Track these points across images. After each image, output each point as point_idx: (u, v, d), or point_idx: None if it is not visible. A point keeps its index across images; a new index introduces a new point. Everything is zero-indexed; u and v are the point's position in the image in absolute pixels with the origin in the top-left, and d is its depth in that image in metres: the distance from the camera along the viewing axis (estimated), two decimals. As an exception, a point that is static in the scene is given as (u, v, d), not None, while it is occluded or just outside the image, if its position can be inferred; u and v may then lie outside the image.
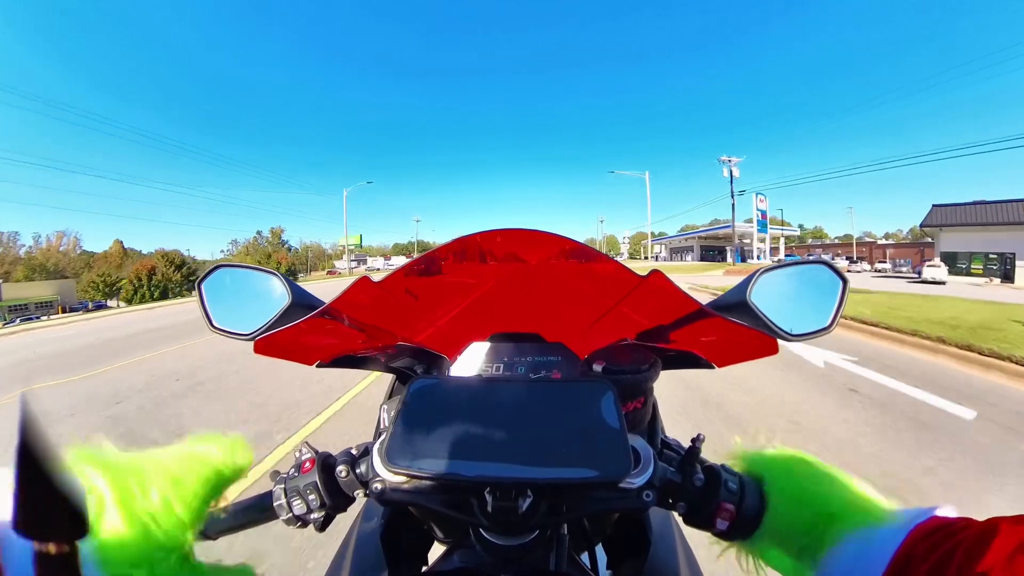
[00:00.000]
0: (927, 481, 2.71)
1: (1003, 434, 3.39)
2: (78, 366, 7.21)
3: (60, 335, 12.54)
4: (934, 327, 7.02)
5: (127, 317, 17.45)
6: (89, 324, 15.45)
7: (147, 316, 16.86)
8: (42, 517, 0.24)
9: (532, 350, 0.68)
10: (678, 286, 0.50)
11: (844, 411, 3.89)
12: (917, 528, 0.35)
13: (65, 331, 13.65)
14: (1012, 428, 3.49)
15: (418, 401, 0.48)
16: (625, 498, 0.44)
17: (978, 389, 4.51)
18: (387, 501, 0.46)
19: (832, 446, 3.21)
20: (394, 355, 0.74)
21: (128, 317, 17.36)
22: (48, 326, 16.54)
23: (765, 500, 0.44)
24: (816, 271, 0.57)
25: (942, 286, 21.11)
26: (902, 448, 3.16)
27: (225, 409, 4.42)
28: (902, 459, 3.00)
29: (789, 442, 0.51)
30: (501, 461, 0.42)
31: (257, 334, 0.56)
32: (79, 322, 16.82)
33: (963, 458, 3.00)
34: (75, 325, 15.60)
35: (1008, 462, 2.93)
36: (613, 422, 0.45)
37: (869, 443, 3.25)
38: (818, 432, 3.47)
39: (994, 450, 3.12)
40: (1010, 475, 2.75)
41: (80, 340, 10.83)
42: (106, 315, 20.39)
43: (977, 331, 6.65)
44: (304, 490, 0.47)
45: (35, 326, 17.13)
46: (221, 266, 0.64)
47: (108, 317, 18.45)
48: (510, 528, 0.44)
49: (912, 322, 7.53)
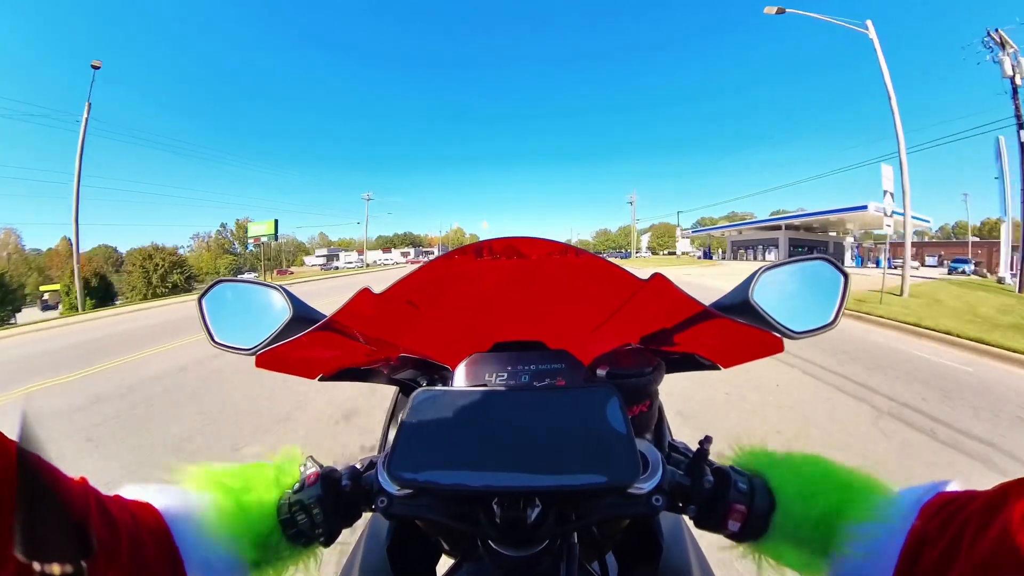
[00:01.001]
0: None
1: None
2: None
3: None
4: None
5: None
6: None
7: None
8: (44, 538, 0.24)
9: (535, 358, 0.68)
10: (680, 288, 0.50)
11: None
12: (926, 506, 0.35)
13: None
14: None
15: (422, 413, 0.48)
16: (635, 504, 0.43)
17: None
18: (393, 515, 0.45)
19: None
20: (397, 367, 0.74)
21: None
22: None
23: (774, 499, 0.44)
24: (818, 267, 0.57)
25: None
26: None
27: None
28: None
29: (786, 443, 0.50)
30: (508, 471, 0.41)
31: (258, 348, 0.56)
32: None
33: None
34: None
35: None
36: (620, 427, 0.44)
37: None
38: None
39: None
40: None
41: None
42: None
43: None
44: (308, 505, 0.46)
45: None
46: (221, 281, 0.64)
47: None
48: (519, 539, 0.44)
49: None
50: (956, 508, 0.33)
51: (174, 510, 0.41)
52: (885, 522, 0.36)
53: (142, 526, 0.36)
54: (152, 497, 0.41)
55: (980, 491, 0.33)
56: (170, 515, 0.40)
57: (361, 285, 0.51)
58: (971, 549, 0.29)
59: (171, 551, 0.38)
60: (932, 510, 0.34)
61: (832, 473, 0.44)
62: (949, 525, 0.32)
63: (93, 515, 0.31)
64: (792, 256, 0.62)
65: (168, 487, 0.43)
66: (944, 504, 0.34)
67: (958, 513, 0.32)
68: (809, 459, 0.46)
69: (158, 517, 0.39)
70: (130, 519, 0.36)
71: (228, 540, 0.42)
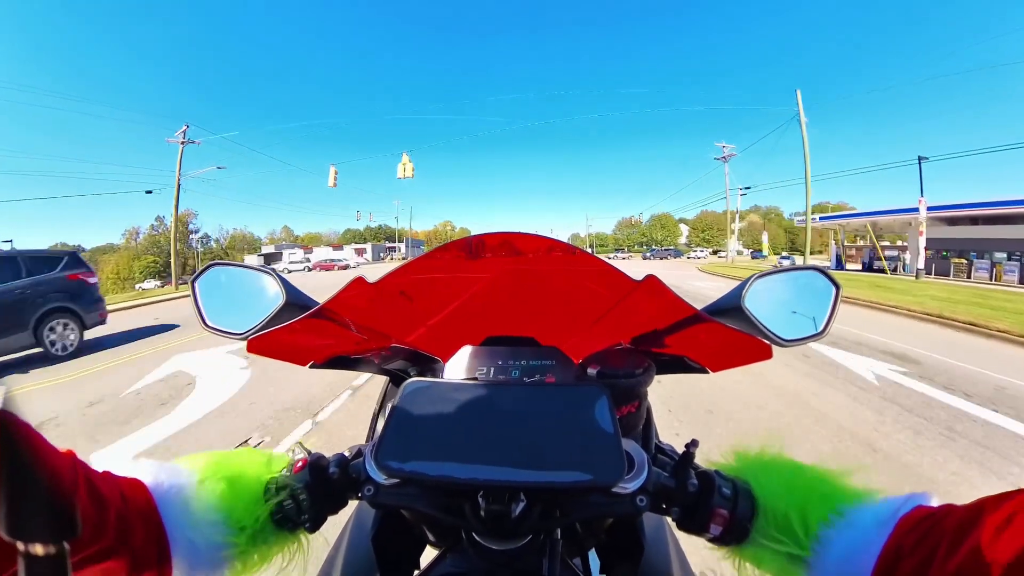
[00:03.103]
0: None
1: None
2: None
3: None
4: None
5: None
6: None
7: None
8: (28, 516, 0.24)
9: (526, 353, 0.68)
10: (672, 291, 0.50)
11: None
12: (903, 519, 0.36)
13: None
14: None
15: (411, 403, 0.48)
16: (619, 503, 0.44)
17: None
18: (379, 504, 0.46)
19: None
20: (388, 357, 0.74)
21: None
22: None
23: (756, 504, 0.44)
24: (810, 277, 0.58)
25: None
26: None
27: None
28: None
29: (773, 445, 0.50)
30: (494, 465, 0.41)
31: (250, 333, 0.56)
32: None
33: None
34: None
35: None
36: (607, 426, 0.45)
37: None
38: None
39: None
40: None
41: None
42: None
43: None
44: (296, 491, 0.47)
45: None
46: (215, 264, 0.64)
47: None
48: (503, 532, 0.44)
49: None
50: (933, 523, 0.33)
51: (164, 490, 0.40)
52: (862, 533, 0.37)
53: (131, 505, 0.36)
54: (143, 474, 0.40)
55: (957, 506, 0.34)
56: (159, 494, 0.40)
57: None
58: (944, 564, 0.30)
59: (158, 532, 0.38)
60: (910, 523, 0.35)
61: (816, 481, 0.44)
62: (925, 539, 0.33)
63: (80, 492, 0.30)
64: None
65: (160, 466, 0.43)
66: (922, 518, 0.35)
67: (935, 527, 0.33)
68: (791, 464, 0.47)
69: (148, 496, 0.39)
70: (119, 497, 0.35)
71: (216, 523, 0.41)
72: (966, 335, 7.32)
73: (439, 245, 0.54)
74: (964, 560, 0.29)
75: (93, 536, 0.31)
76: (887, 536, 0.35)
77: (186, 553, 0.39)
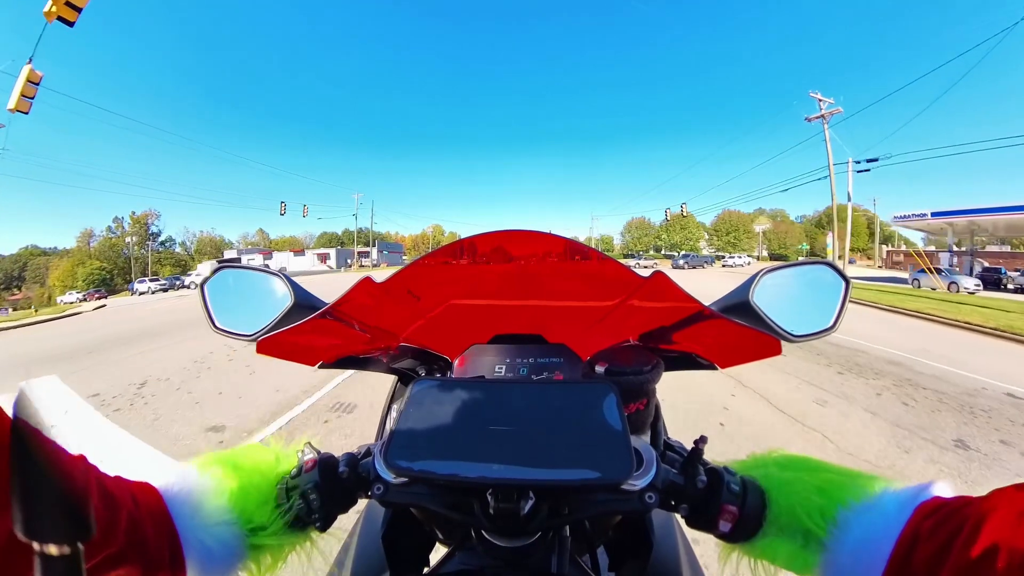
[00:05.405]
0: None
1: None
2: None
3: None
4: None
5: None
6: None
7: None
8: (42, 519, 0.24)
9: (534, 351, 0.68)
10: (680, 287, 0.50)
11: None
12: (921, 506, 0.35)
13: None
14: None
15: (420, 402, 0.48)
16: (627, 500, 0.44)
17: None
18: (388, 502, 0.46)
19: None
20: (396, 356, 0.74)
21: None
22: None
23: (766, 500, 0.44)
24: (819, 271, 0.57)
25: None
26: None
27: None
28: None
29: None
30: (503, 463, 0.42)
31: (260, 335, 0.56)
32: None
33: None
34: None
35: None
36: (615, 424, 0.44)
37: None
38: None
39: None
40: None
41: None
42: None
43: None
44: (306, 490, 0.47)
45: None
46: (224, 267, 0.64)
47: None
48: (512, 530, 0.44)
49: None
50: (950, 511, 0.33)
51: (175, 492, 0.41)
52: (878, 520, 0.37)
53: (142, 507, 0.37)
54: (154, 477, 0.41)
55: (974, 496, 0.34)
56: (170, 497, 0.40)
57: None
58: (962, 552, 0.30)
59: (170, 534, 0.38)
60: (927, 510, 0.35)
61: (825, 471, 0.44)
62: (943, 526, 0.33)
63: (93, 495, 0.30)
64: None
65: (170, 467, 0.43)
66: (939, 506, 0.35)
67: (953, 515, 0.33)
68: (802, 459, 0.47)
69: (159, 499, 0.39)
70: (130, 500, 0.36)
71: (227, 524, 0.42)
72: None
73: (434, 249, 0.54)
74: (983, 549, 0.29)
75: (105, 538, 0.31)
76: (906, 521, 0.35)
77: (199, 555, 0.39)
